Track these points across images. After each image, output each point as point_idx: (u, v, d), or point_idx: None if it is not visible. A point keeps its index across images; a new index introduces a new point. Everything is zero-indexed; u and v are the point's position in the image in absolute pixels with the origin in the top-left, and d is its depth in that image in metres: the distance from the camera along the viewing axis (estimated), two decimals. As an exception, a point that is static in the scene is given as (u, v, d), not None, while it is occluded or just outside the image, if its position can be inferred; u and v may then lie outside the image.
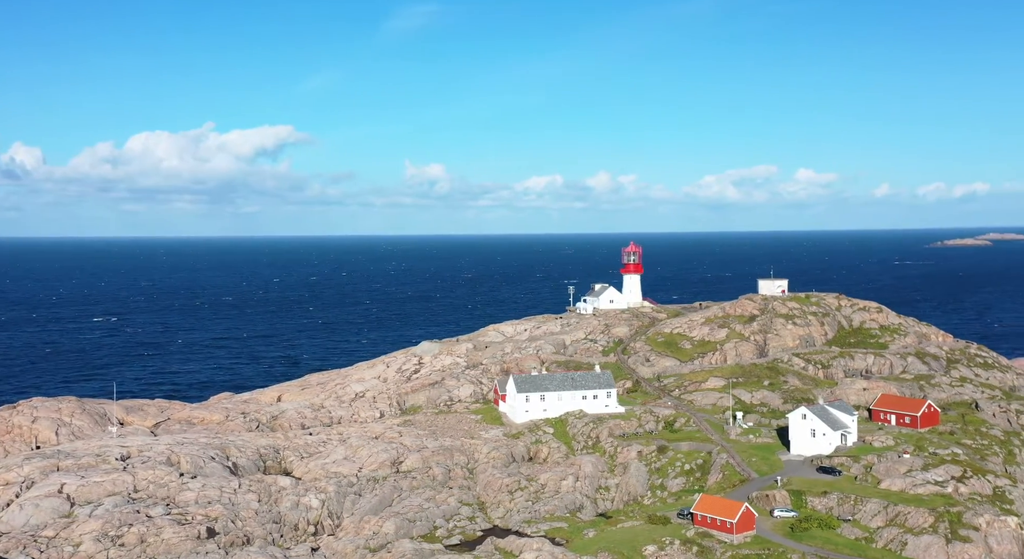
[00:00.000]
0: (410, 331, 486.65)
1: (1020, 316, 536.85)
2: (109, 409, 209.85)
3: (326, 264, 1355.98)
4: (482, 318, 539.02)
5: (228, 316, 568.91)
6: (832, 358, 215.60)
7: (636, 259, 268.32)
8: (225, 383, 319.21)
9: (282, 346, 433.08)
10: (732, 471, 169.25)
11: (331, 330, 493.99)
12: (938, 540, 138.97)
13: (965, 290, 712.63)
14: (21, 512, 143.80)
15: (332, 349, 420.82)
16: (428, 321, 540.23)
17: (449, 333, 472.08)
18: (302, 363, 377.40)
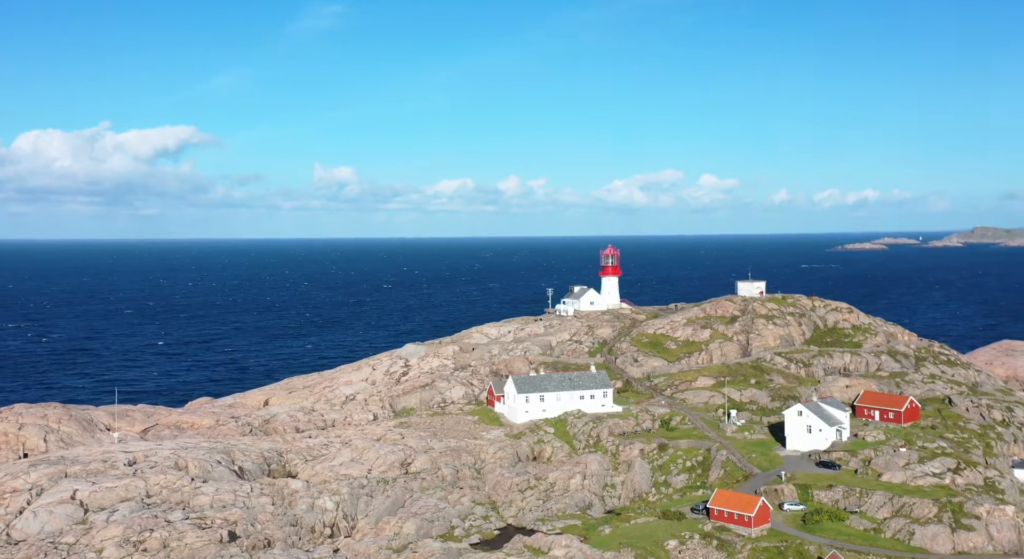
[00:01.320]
0: (354, 336, 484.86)
1: (936, 317, 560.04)
2: (95, 415, 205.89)
3: (239, 268, 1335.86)
4: (428, 322, 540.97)
5: (157, 321, 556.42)
6: (812, 357, 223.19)
7: (614, 261, 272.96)
8: (176, 390, 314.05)
9: (224, 352, 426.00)
10: (733, 467, 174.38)
11: (270, 335, 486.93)
12: (944, 529, 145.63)
13: (876, 292, 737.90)
14: (35, 519, 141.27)
15: (276, 354, 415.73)
16: (369, 325, 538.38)
17: (395, 337, 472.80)
18: (249, 369, 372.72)
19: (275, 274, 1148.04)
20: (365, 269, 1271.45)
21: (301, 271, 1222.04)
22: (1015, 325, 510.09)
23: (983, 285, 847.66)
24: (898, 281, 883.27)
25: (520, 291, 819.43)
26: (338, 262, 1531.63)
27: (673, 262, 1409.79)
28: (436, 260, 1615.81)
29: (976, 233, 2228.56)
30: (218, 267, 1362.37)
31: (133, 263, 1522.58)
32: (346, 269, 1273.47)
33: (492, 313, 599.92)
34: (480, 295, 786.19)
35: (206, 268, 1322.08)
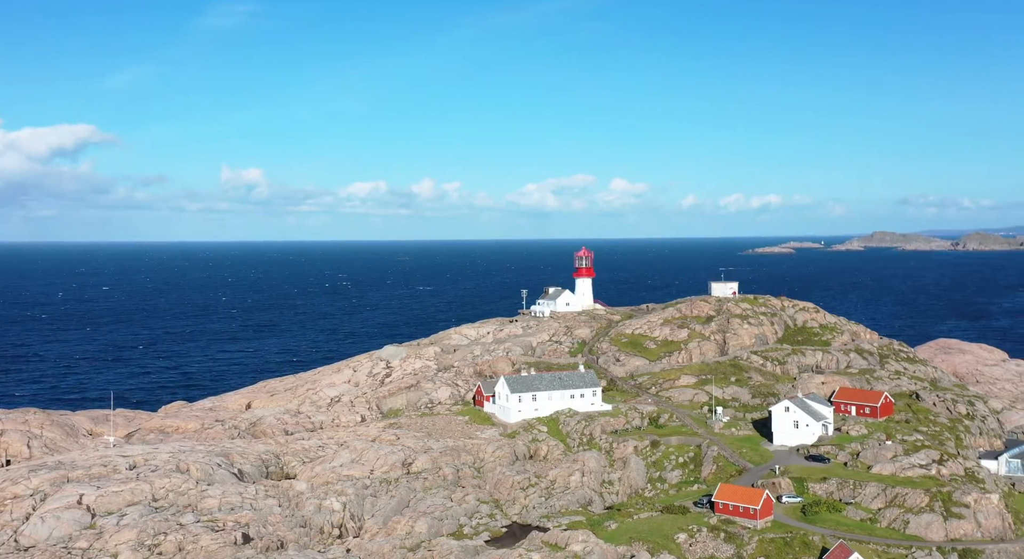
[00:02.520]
0: (294, 340, 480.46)
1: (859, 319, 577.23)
2: (75, 420, 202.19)
3: (151, 271, 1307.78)
4: (369, 324, 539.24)
5: (82, 326, 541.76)
6: (787, 355, 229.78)
7: (588, 263, 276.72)
8: (124, 396, 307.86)
9: (164, 357, 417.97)
10: (726, 462, 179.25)
11: (208, 340, 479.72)
12: (936, 518, 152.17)
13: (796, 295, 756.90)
14: (43, 525, 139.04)
15: (219, 359, 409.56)
16: (307, 328, 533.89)
17: (341, 339, 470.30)
18: (195, 374, 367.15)
19: (193, 278, 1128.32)
20: (287, 272, 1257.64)
21: (218, 275, 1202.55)
22: (933, 325, 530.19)
23: (892, 287, 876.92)
24: (812, 284, 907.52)
25: (453, 293, 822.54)
26: (255, 265, 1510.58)
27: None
28: (354, 263, 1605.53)
29: (875, 237, 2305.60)
30: (128, 270, 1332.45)
31: (28, 267, 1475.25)
32: (266, 273, 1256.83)
33: (435, 315, 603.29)
34: (412, 297, 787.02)
35: (116, 271, 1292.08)
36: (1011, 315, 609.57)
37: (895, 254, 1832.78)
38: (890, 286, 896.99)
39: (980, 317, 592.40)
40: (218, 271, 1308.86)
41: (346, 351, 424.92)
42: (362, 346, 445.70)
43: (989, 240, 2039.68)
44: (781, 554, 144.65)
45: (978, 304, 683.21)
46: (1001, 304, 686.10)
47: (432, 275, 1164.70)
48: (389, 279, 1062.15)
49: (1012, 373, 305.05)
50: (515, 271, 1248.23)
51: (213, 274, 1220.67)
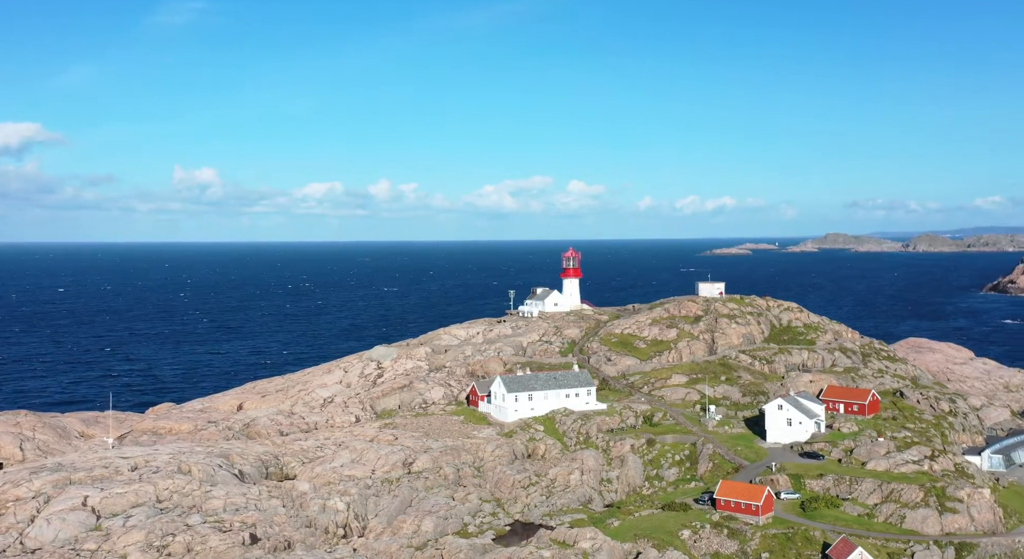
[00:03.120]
0: (263, 341, 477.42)
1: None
2: (66, 422, 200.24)
3: (105, 272, 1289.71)
4: (336, 327, 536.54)
5: (42, 328, 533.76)
6: (774, 354, 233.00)
7: (575, 264, 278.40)
8: (94, 399, 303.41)
9: (132, 359, 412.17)
10: (721, 460, 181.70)
11: (175, 342, 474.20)
12: (932, 513, 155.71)
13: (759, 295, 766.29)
14: (49, 527, 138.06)
15: (189, 362, 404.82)
16: (272, 330, 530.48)
17: (306, 342, 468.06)
18: (165, 377, 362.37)
19: (151, 279, 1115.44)
20: (246, 274, 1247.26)
21: (176, 276, 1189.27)
22: (894, 325, 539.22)
23: (850, 288, 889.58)
24: (772, 285, 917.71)
25: (418, 294, 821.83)
26: (212, 267, 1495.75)
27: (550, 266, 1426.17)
28: (313, 264, 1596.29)
29: (828, 239, 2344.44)
30: (82, 271, 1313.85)
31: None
32: (224, 274, 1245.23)
33: (403, 316, 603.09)
34: (378, 298, 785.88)
35: (69, 273, 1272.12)
36: (968, 315, 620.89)
37: (848, 255, 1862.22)
38: (848, 287, 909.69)
39: (939, 317, 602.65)
40: (175, 272, 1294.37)
41: (317, 353, 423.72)
42: (332, 348, 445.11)
43: (938, 242, 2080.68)
44: (784, 549, 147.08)
45: (935, 304, 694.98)
46: (957, 305, 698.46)
47: (395, 276, 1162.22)
48: (352, 280, 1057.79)
49: (980, 371, 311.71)
50: (476, 272, 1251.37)
51: (171, 275, 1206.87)
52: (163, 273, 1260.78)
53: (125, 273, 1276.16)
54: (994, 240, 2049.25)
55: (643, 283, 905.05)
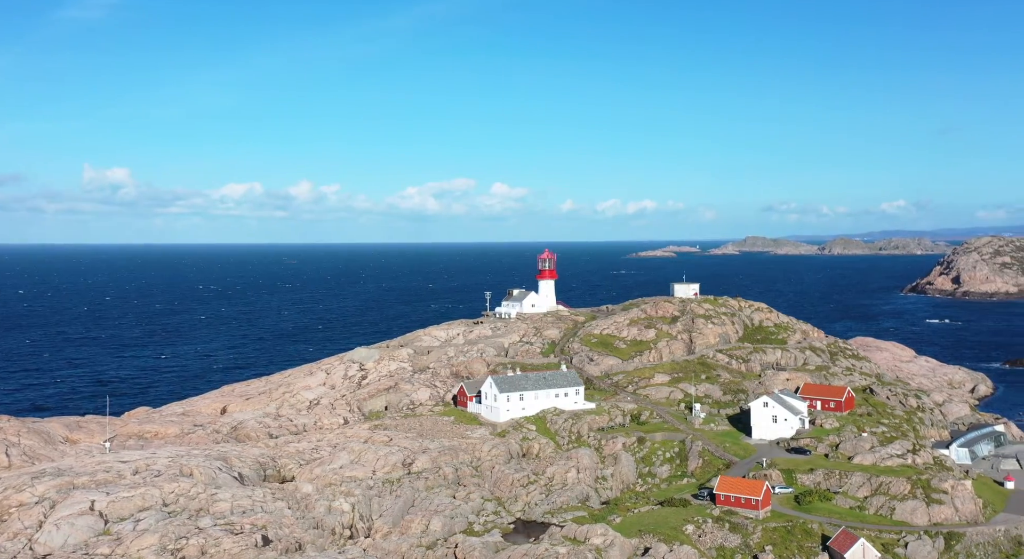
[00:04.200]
0: (205, 344, 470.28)
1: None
2: (49, 427, 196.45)
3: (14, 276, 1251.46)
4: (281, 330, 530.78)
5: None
6: (749, 353, 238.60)
7: (551, 265, 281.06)
8: (43, 407, 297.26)
9: (75, 363, 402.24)
10: (711, 456, 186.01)
11: (116, 346, 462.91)
12: (920, 504, 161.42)
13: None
14: (58, 532, 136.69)
15: (136, 366, 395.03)
16: (213, 334, 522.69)
17: (254, 346, 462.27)
18: (115, 382, 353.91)
19: (71, 282, 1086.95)
20: (169, 276, 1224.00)
21: (97, 279, 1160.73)
22: (828, 325, 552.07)
23: (778, 290, 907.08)
24: (705, 287, 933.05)
25: (356, 297, 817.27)
26: (129, 270, 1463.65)
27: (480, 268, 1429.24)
28: (238, 266, 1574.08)
29: (748, 242, 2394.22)
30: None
31: None
32: (146, 277, 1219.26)
33: (346, 318, 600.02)
34: (315, 301, 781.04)
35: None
36: (894, 316, 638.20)
37: (768, 258, 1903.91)
38: (777, 289, 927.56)
39: (869, 318, 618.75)
40: (95, 275, 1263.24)
41: (267, 357, 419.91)
42: (278, 351, 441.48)
43: (852, 245, 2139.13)
44: (785, 542, 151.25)
45: (863, 306, 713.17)
46: (882, 306, 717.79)
47: (327, 278, 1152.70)
48: (285, 283, 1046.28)
49: (925, 369, 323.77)
50: (410, 275, 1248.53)
51: (91, 278, 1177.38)
52: (80, 276, 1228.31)
53: (41, 275, 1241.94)
54: (903, 243, 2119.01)
55: (580, 285, 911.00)
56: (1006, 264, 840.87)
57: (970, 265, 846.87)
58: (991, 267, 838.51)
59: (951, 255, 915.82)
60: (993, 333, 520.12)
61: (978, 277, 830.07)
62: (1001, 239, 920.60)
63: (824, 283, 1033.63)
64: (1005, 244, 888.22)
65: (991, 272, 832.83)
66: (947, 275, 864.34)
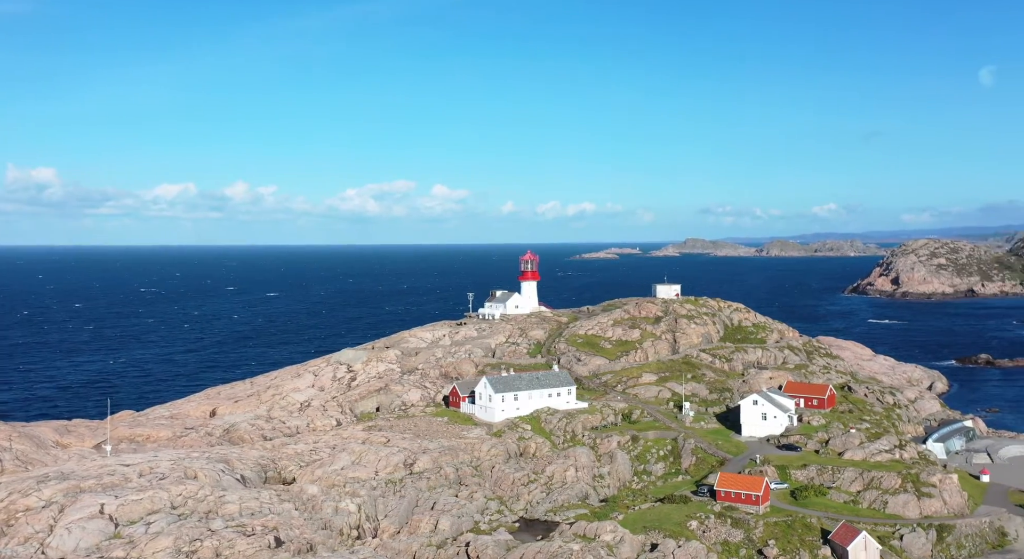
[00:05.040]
0: (162, 349, 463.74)
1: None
2: (39, 431, 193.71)
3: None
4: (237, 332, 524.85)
5: None
6: (731, 353, 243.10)
7: (533, 267, 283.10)
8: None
9: (19, 370, 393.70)
10: (704, 454, 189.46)
11: (64, 351, 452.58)
12: (911, 498, 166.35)
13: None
14: (70, 536, 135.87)
15: (90, 371, 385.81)
16: (168, 337, 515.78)
17: (214, 349, 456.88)
18: (76, 388, 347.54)
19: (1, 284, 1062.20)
20: (105, 279, 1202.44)
21: (30, 283, 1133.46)
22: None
23: (724, 292, 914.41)
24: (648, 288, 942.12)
25: (305, 299, 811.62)
26: (65, 272, 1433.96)
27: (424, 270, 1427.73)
28: (176, 269, 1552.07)
29: (688, 244, 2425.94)
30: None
31: None
32: (81, 279, 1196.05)
33: (298, 320, 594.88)
34: (264, 303, 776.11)
35: None
36: (840, 316, 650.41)
37: (709, 259, 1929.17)
38: (722, 291, 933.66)
39: (816, 318, 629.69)
40: (28, 279, 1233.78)
41: (229, 360, 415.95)
42: (239, 354, 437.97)
43: (789, 247, 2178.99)
44: (787, 536, 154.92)
45: (808, 306, 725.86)
46: (827, 307, 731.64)
47: (271, 281, 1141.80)
48: (231, 286, 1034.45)
49: (885, 367, 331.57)
50: (358, 277, 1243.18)
51: (26, 282, 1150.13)
52: (15, 280, 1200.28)
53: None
54: (837, 246, 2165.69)
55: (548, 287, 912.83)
56: (942, 266, 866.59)
57: (908, 267, 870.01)
58: (928, 268, 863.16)
59: (890, 257, 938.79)
60: (936, 332, 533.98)
61: (916, 278, 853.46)
62: (936, 241, 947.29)
63: (768, 284, 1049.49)
64: (940, 246, 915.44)
65: (928, 273, 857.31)
66: (887, 276, 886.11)
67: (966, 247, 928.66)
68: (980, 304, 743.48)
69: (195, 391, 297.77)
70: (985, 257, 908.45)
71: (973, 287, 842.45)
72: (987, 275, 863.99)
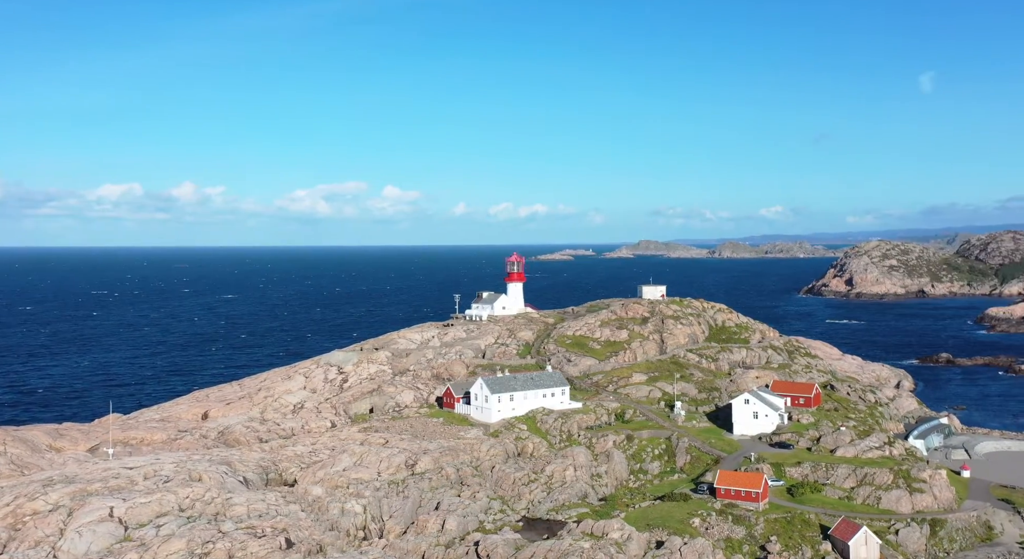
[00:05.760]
0: (124, 353, 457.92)
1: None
2: (31, 435, 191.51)
3: None
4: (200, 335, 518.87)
5: None
6: (717, 353, 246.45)
7: (519, 268, 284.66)
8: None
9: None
10: (699, 452, 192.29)
11: (23, 355, 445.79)
12: (904, 493, 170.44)
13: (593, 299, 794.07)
14: (81, 539, 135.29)
15: (67, 375, 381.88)
16: (129, 340, 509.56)
17: (178, 353, 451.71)
18: (37, 393, 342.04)
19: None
20: (56, 282, 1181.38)
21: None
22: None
23: (683, 293, 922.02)
24: (610, 289, 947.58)
25: (262, 302, 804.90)
26: (7, 274, 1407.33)
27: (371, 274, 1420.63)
28: (126, 271, 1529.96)
29: (641, 246, 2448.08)
30: None
31: None
32: (27, 281, 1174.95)
33: (261, 323, 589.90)
34: (226, 304, 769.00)
35: None
36: (799, 317, 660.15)
37: (663, 260, 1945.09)
38: (680, 292, 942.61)
39: (776, 319, 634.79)
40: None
41: (198, 364, 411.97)
42: (204, 358, 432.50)
43: (740, 249, 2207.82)
44: (788, 532, 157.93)
45: (767, 307, 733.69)
46: (785, 307, 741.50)
47: (226, 283, 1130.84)
48: (186, 288, 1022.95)
49: (854, 366, 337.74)
50: (314, 278, 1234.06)
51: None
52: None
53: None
54: (786, 247, 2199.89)
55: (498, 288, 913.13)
56: (893, 267, 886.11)
57: (861, 268, 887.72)
58: (880, 270, 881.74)
59: (843, 258, 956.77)
60: (894, 332, 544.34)
61: (869, 279, 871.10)
62: (888, 243, 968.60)
63: (724, 285, 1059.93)
64: (891, 248, 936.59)
65: (880, 274, 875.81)
66: (841, 277, 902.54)
67: (916, 248, 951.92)
68: (931, 304, 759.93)
69: (167, 394, 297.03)
70: (933, 259, 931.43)
71: (923, 288, 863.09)
72: (936, 276, 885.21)
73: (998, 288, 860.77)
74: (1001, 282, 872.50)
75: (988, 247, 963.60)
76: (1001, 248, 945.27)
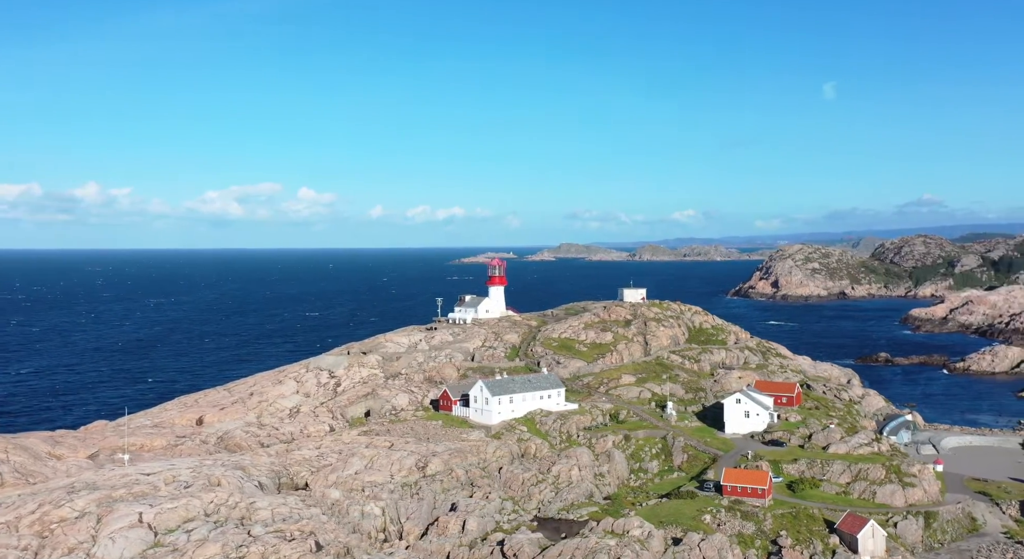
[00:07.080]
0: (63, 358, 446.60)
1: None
2: (30, 442, 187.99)
3: None
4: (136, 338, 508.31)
5: None
6: (699, 354, 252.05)
7: (500, 272, 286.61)
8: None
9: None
10: (695, 451, 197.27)
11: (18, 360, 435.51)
12: (897, 488, 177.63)
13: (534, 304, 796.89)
14: (114, 546, 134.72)
15: (28, 381, 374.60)
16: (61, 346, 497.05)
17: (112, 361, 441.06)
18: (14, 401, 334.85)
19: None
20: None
21: None
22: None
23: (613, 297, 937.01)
24: (543, 292, 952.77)
25: (187, 305, 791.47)
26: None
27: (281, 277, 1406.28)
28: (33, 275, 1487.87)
29: (562, 249, 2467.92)
30: None
31: None
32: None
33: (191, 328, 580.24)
34: (156, 309, 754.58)
35: None
36: (733, 320, 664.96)
37: (585, 263, 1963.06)
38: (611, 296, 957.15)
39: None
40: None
41: (140, 367, 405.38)
42: (159, 364, 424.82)
43: (659, 251, 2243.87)
44: (795, 527, 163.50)
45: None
46: (717, 309, 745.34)
47: (145, 287, 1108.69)
48: (106, 292, 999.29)
49: (807, 366, 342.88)
50: (233, 282, 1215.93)
51: None
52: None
53: None
54: (704, 250, 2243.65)
55: (417, 291, 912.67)
56: (815, 270, 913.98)
57: (786, 270, 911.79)
58: (804, 272, 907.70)
59: (768, 261, 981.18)
60: (827, 333, 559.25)
61: (794, 281, 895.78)
62: (810, 247, 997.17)
63: (652, 288, 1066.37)
64: (813, 251, 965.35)
65: (804, 277, 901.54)
66: (767, 280, 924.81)
67: (835, 252, 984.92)
68: (854, 306, 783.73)
69: (124, 401, 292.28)
70: (852, 262, 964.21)
71: (844, 290, 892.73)
72: (855, 278, 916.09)
73: (913, 290, 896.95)
74: (915, 284, 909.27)
75: (901, 251, 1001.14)
76: (914, 252, 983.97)
